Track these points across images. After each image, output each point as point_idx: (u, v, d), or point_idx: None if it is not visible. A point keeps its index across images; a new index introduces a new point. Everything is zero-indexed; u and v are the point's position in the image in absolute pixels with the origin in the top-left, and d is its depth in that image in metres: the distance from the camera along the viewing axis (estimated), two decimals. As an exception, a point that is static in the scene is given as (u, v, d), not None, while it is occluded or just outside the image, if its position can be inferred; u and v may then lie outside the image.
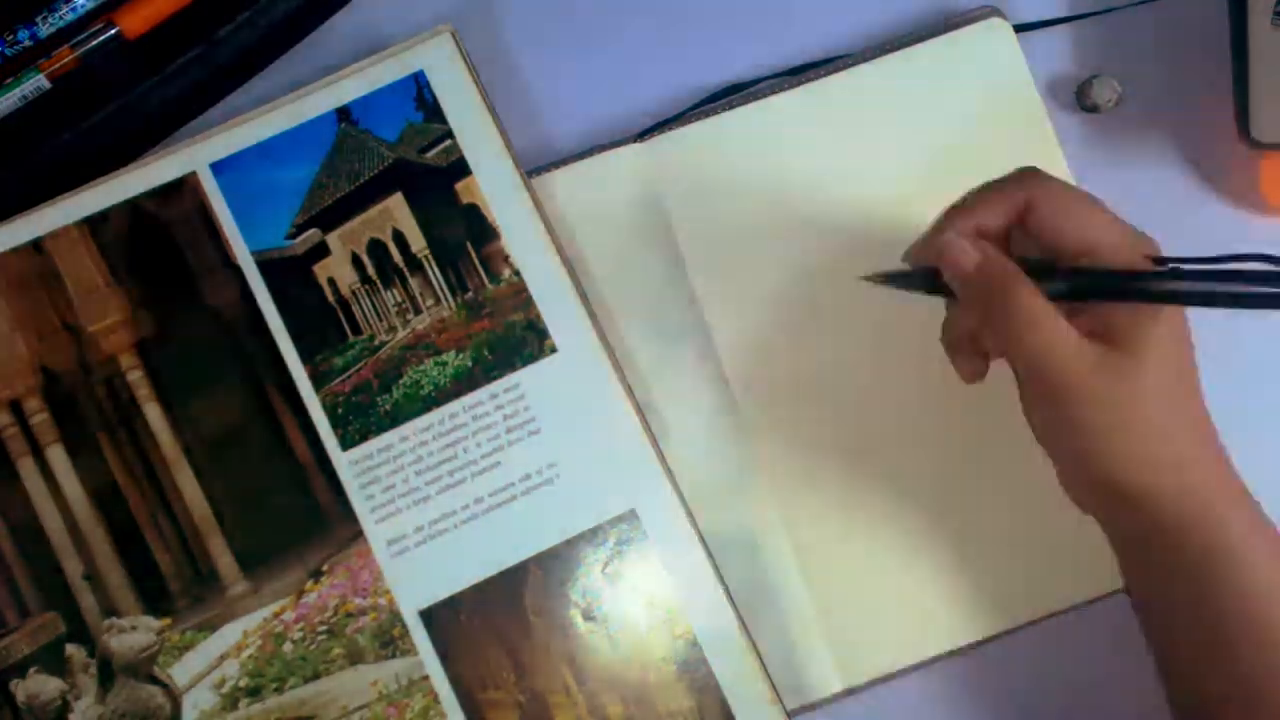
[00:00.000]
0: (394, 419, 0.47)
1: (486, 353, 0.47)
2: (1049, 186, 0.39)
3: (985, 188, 0.40)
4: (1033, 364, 0.38)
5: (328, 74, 0.48)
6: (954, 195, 0.46)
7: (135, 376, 0.48)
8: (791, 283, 0.48)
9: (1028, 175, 0.40)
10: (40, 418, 0.48)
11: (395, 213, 0.48)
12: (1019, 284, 0.37)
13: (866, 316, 0.48)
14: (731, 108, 0.49)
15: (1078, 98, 0.50)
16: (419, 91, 0.48)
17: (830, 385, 0.48)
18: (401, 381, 0.47)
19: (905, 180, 0.48)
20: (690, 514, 0.46)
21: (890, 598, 0.47)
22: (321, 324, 0.47)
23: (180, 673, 0.46)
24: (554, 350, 0.47)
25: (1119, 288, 0.37)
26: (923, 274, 0.41)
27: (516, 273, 0.47)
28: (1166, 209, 0.50)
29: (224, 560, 0.47)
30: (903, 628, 0.47)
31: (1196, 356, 0.38)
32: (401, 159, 0.48)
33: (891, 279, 0.42)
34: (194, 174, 0.48)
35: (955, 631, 0.46)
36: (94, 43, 0.49)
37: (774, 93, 0.49)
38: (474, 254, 0.48)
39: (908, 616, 0.47)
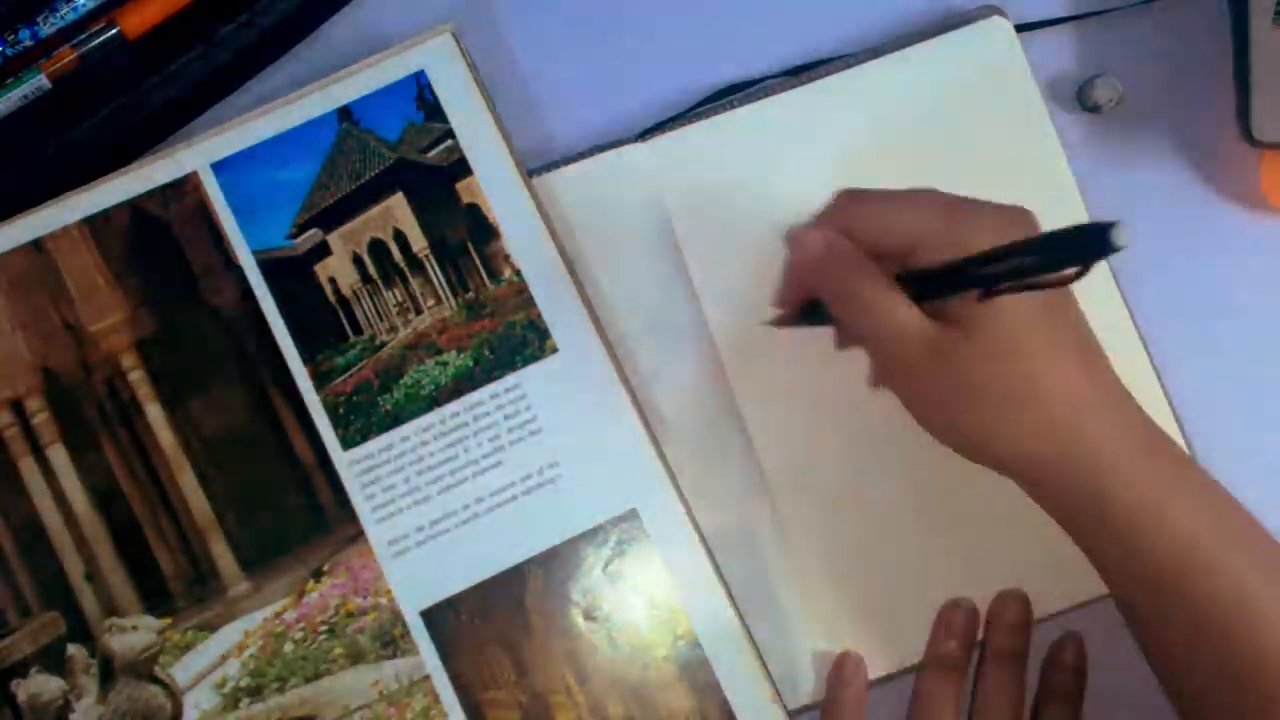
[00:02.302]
0: (395, 419, 0.47)
1: (487, 352, 0.47)
2: (858, 201, 0.39)
3: (807, 231, 0.40)
4: (876, 347, 0.39)
5: (328, 74, 0.48)
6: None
7: (136, 376, 0.48)
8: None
9: (839, 196, 0.40)
10: (41, 417, 0.48)
11: (396, 212, 0.48)
12: (859, 268, 0.38)
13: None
14: (731, 108, 0.49)
15: (1079, 97, 0.50)
16: (420, 91, 0.48)
17: (831, 383, 0.48)
18: (402, 381, 0.47)
19: (906, 180, 0.48)
20: (691, 514, 0.46)
21: (890, 597, 0.47)
22: (322, 324, 0.47)
23: (181, 672, 0.46)
24: (555, 350, 0.47)
25: (932, 286, 0.37)
26: (801, 313, 0.42)
27: (517, 272, 0.47)
28: (1167, 209, 0.50)
29: (225, 560, 0.47)
30: (903, 628, 0.47)
31: (1078, 324, 0.38)
32: (402, 159, 0.48)
33: (778, 320, 0.43)
34: (195, 174, 0.48)
35: (956, 631, 0.46)
36: (95, 42, 0.49)
37: (774, 93, 0.49)
38: (475, 254, 0.48)
39: (908, 616, 0.47)
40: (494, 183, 0.48)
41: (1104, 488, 0.37)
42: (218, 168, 0.48)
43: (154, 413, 0.48)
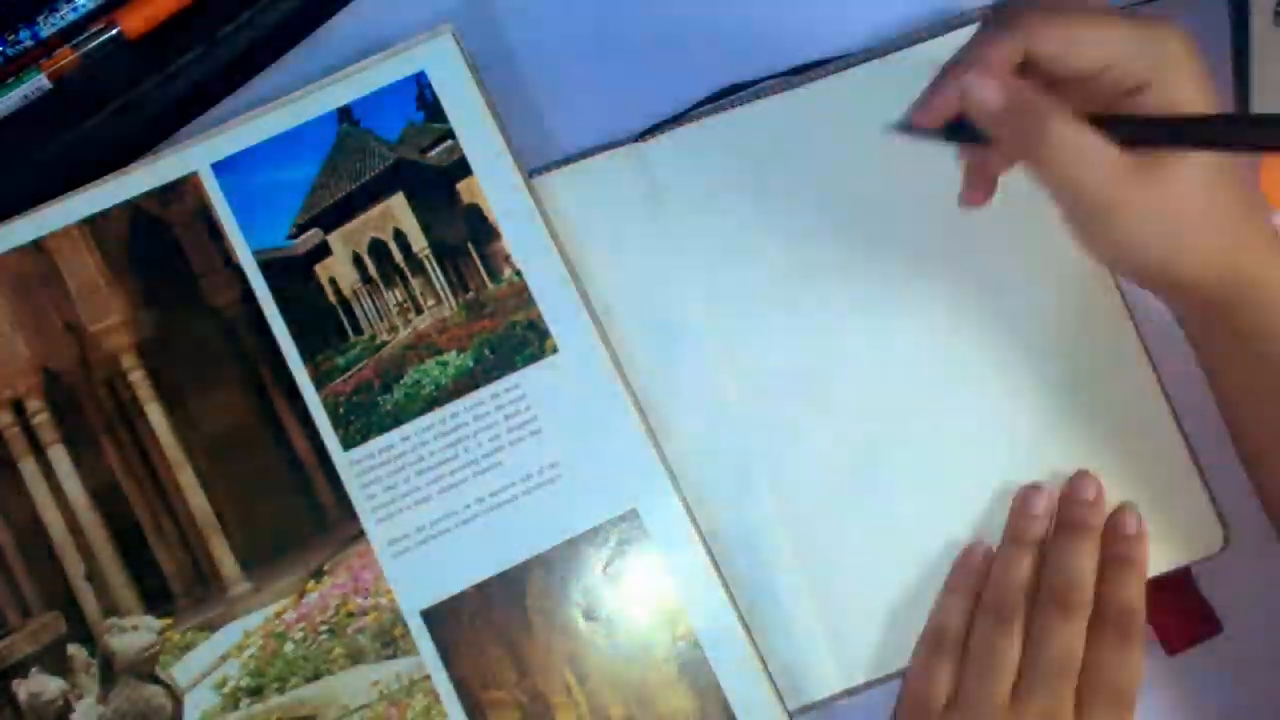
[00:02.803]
0: (395, 419, 0.47)
1: (488, 352, 0.47)
2: (1048, 24, 0.39)
3: (977, 39, 0.40)
4: (1072, 186, 0.39)
5: (329, 74, 0.48)
6: (954, 195, 0.46)
7: (136, 376, 0.48)
8: (792, 282, 0.48)
9: (1024, 13, 0.39)
10: (41, 418, 0.48)
11: (396, 213, 0.48)
12: (1051, 112, 0.38)
13: (868, 315, 0.48)
14: (731, 108, 0.49)
15: (1078, 97, 0.50)
16: (420, 91, 0.48)
17: (831, 384, 0.48)
18: (403, 381, 0.47)
19: (905, 180, 0.48)
20: (691, 514, 0.46)
21: (891, 597, 0.47)
22: (323, 324, 0.48)
23: (182, 672, 0.46)
24: (555, 350, 0.47)
25: (1144, 133, 0.38)
26: (947, 127, 0.41)
27: (517, 272, 0.47)
28: (1167, 209, 0.50)
29: (225, 560, 0.47)
30: (903, 628, 0.47)
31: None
32: (403, 159, 0.48)
33: (915, 131, 0.42)
34: (195, 174, 0.48)
35: (956, 631, 0.46)
36: (95, 42, 0.49)
37: (774, 93, 0.49)
38: (475, 254, 0.48)
39: (908, 616, 0.47)
40: (494, 183, 0.48)
41: (1252, 296, 0.40)
42: (218, 168, 0.48)
43: (154, 413, 0.48)
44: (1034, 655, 0.42)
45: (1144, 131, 0.38)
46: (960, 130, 0.40)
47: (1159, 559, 0.46)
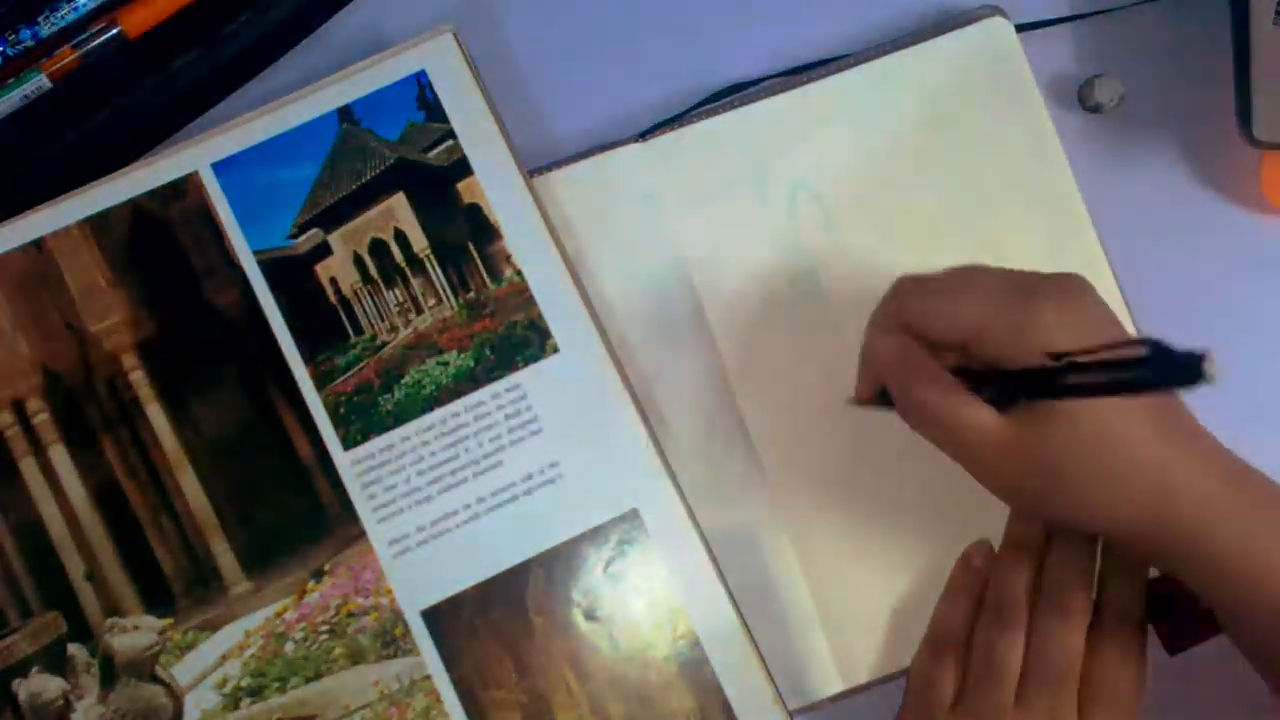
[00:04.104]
0: (396, 419, 0.47)
1: (488, 352, 0.47)
2: (918, 291, 0.40)
3: (880, 336, 0.41)
4: (949, 448, 0.40)
5: (329, 74, 0.48)
6: (955, 195, 0.46)
7: (137, 376, 0.48)
8: (791, 282, 0.48)
9: (899, 284, 0.41)
10: (42, 418, 0.48)
11: (397, 212, 0.48)
12: (924, 376, 0.39)
13: (866, 315, 0.48)
14: (732, 108, 0.49)
15: (1079, 97, 0.50)
16: (421, 91, 0.48)
17: (832, 383, 0.48)
18: (403, 381, 0.47)
19: (906, 180, 0.48)
20: (692, 513, 0.46)
21: (891, 598, 0.47)
22: (323, 324, 0.48)
23: (182, 672, 0.46)
24: (555, 350, 0.47)
25: (1002, 384, 0.38)
26: (879, 399, 0.42)
27: (518, 272, 0.47)
28: (1168, 209, 0.50)
29: (226, 560, 0.47)
30: (904, 628, 0.47)
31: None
32: (403, 159, 0.48)
33: (863, 403, 0.43)
34: (196, 174, 0.48)
35: (956, 631, 0.46)
36: (96, 42, 0.49)
37: (774, 93, 0.49)
38: (476, 254, 0.48)
39: (909, 617, 0.47)
40: (494, 183, 0.48)
41: (1207, 543, 0.37)
42: (219, 168, 0.48)
43: (155, 413, 0.48)
44: (1035, 659, 0.42)
45: (1005, 386, 0.38)
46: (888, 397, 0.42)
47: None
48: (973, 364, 0.39)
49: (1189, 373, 0.31)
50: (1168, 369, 0.32)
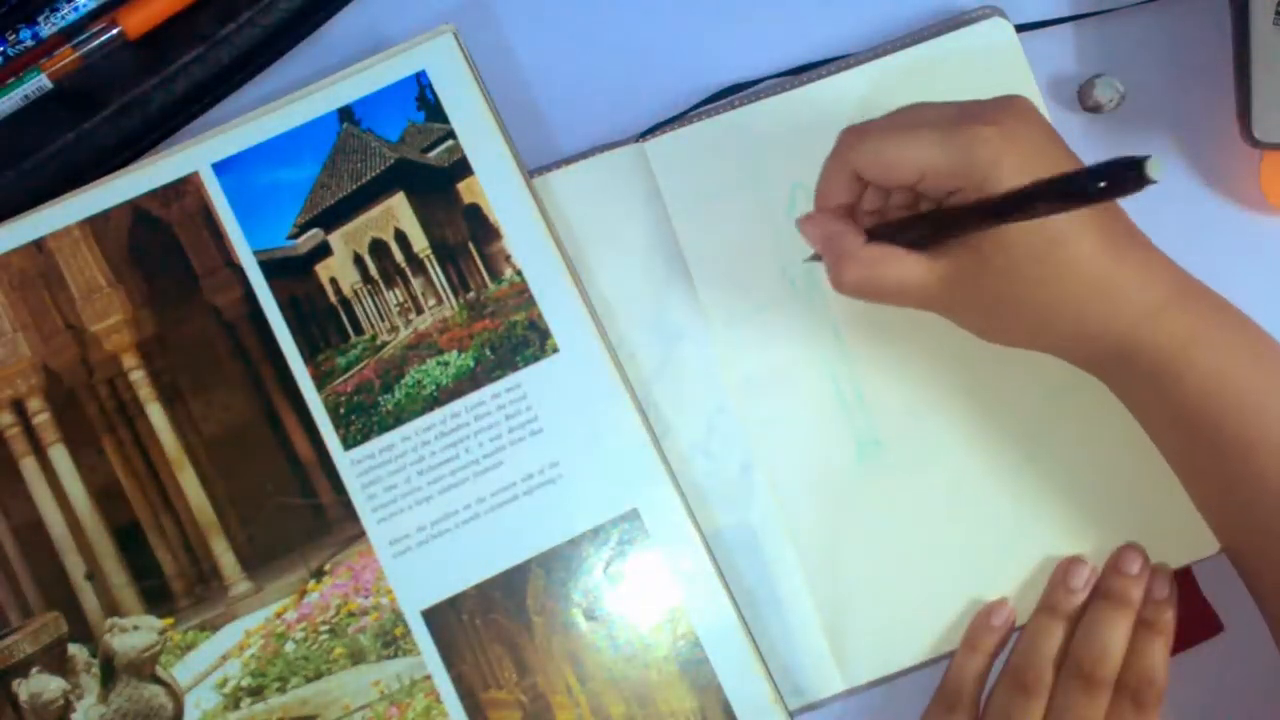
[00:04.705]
0: (396, 419, 0.47)
1: (488, 352, 0.47)
2: (860, 139, 0.41)
3: (807, 220, 0.43)
4: (901, 301, 0.41)
5: (330, 74, 0.48)
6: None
7: (137, 376, 0.48)
8: (791, 282, 0.48)
9: (843, 135, 0.42)
10: (42, 418, 0.48)
11: (397, 212, 0.48)
12: (847, 252, 0.40)
13: (867, 315, 0.48)
14: (732, 108, 0.49)
15: (1079, 98, 0.50)
16: (421, 91, 0.48)
17: (831, 384, 0.48)
18: (403, 381, 0.47)
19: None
20: (692, 513, 0.46)
21: (892, 598, 0.47)
22: (323, 324, 0.48)
23: (182, 672, 0.46)
24: (556, 350, 0.47)
25: (947, 228, 0.39)
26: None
27: (518, 272, 0.47)
28: (1168, 208, 0.50)
29: (226, 560, 0.47)
30: (904, 628, 0.47)
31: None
32: (403, 159, 0.48)
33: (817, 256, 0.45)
34: (196, 174, 0.48)
35: (956, 632, 0.46)
36: (96, 42, 0.49)
37: (774, 93, 0.49)
38: (476, 253, 0.48)
39: (909, 617, 0.47)
40: (495, 183, 0.48)
41: (1138, 338, 0.39)
42: (219, 168, 0.48)
43: (155, 413, 0.48)
44: None
45: (934, 229, 0.39)
46: None
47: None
48: (921, 204, 0.40)
49: (1131, 175, 0.31)
50: (1108, 172, 0.32)
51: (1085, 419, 0.47)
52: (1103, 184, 0.32)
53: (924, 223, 0.40)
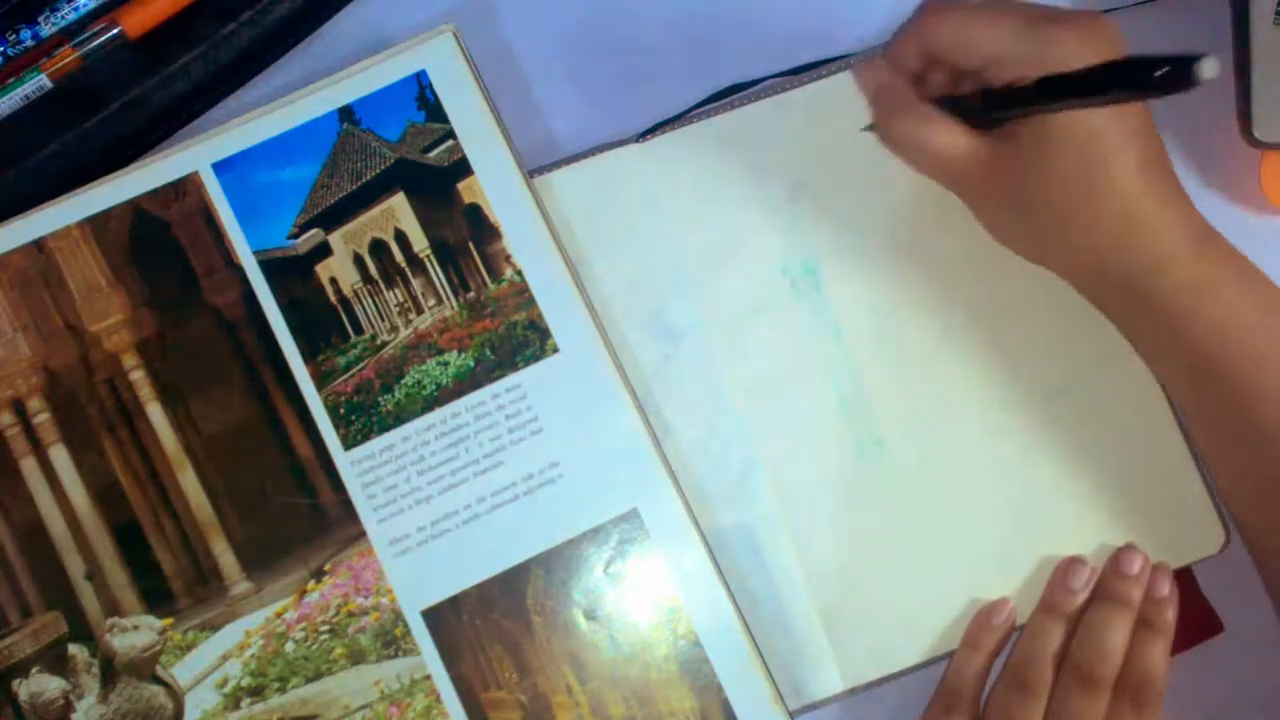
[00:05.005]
0: (396, 419, 0.47)
1: (488, 352, 0.47)
2: (939, 17, 0.41)
3: (864, 65, 0.44)
4: (935, 176, 0.41)
5: (330, 74, 0.48)
6: (956, 195, 0.46)
7: (137, 376, 0.48)
8: (791, 282, 0.48)
9: (922, 10, 0.42)
10: (42, 418, 0.48)
11: (397, 212, 0.48)
12: (901, 104, 0.40)
13: (866, 315, 0.48)
14: (732, 108, 0.49)
15: (1079, 97, 0.50)
16: (421, 91, 0.48)
17: (831, 384, 0.48)
18: (403, 381, 0.47)
19: (906, 180, 0.48)
20: (692, 513, 0.46)
21: (892, 598, 0.47)
22: (323, 324, 0.48)
23: (182, 672, 0.46)
24: (556, 350, 0.47)
25: (1000, 104, 0.39)
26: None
27: (518, 272, 0.47)
28: (1168, 209, 0.50)
29: (226, 560, 0.47)
30: (904, 628, 0.47)
31: (1135, 123, 0.39)
32: (403, 159, 0.48)
33: (873, 127, 0.45)
34: (196, 174, 0.48)
35: (957, 632, 0.46)
36: (96, 42, 0.49)
37: (774, 93, 0.49)
38: (476, 253, 0.48)
39: (909, 617, 0.47)
40: (495, 183, 0.48)
41: (1149, 280, 0.39)
42: (219, 168, 0.48)
43: (155, 413, 0.48)
44: None
45: (986, 104, 0.39)
46: None
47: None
48: (969, 94, 0.40)
49: (1182, 72, 0.31)
50: (1168, 62, 0.32)
51: (1086, 419, 0.47)
52: (1161, 72, 0.32)
53: (979, 97, 0.40)
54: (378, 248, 0.48)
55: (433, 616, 0.46)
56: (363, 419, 0.47)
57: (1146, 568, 0.45)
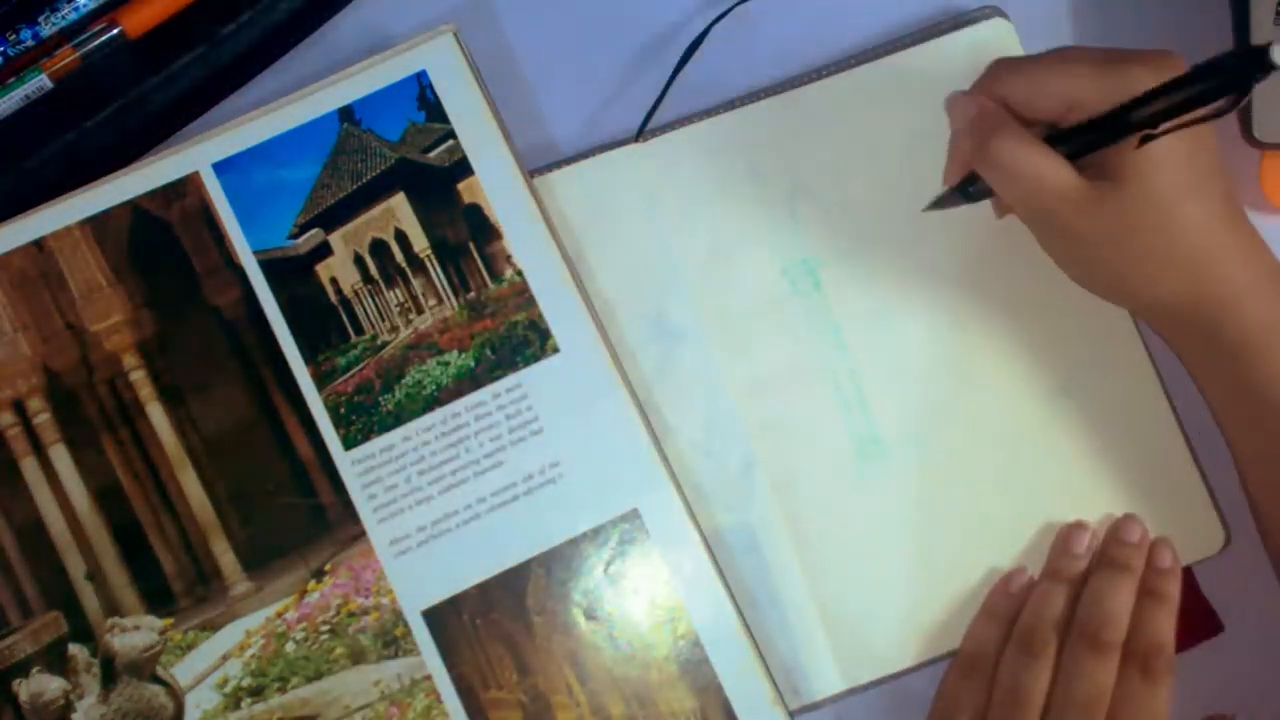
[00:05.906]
0: (396, 419, 0.47)
1: (489, 352, 0.47)
2: (1011, 68, 0.42)
3: (961, 96, 0.44)
4: (1025, 204, 0.41)
5: (330, 74, 0.48)
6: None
7: (138, 376, 0.48)
8: (791, 282, 0.48)
9: (994, 64, 0.43)
10: (43, 418, 0.48)
11: (397, 212, 0.48)
12: (1005, 127, 0.40)
13: (865, 315, 0.48)
14: (732, 108, 0.49)
15: (1079, 98, 0.50)
16: (421, 91, 0.48)
17: (831, 384, 0.48)
18: (404, 381, 0.47)
19: (907, 180, 0.48)
20: (692, 513, 0.46)
21: (892, 598, 0.47)
22: (324, 324, 0.48)
23: (183, 672, 0.46)
24: (556, 350, 0.47)
25: (1086, 139, 0.39)
26: (958, 186, 0.45)
27: (519, 272, 0.47)
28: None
29: (226, 560, 0.47)
30: (904, 628, 0.47)
31: (1217, 166, 0.40)
32: (404, 159, 0.48)
33: (939, 202, 0.46)
34: (196, 174, 0.48)
35: (956, 632, 0.46)
36: (96, 42, 0.49)
37: (774, 93, 0.49)
38: (476, 254, 0.48)
39: (909, 616, 0.47)
40: (495, 183, 0.48)
41: (1221, 320, 0.40)
42: (219, 168, 0.48)
43: (155, 412, 0.48)
44: (1063, 690, 0.42)
45: (1091, 134, 0.39)
46: (972, 185, 0.44)
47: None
48: (1057, 131, 0.40)
49: (1254, 62, 0.32)
50: (1230, 65, 0.33)
51: (1086, 421, 0.47)
52: (1246, 56, 0.33)
53: (1060, 140, 0.40)
54: (378, 248, 0.48)
55: (433, 616, 0.46)
56: (363, 419, 0.47)
57: (1146, 537, 0.45)
